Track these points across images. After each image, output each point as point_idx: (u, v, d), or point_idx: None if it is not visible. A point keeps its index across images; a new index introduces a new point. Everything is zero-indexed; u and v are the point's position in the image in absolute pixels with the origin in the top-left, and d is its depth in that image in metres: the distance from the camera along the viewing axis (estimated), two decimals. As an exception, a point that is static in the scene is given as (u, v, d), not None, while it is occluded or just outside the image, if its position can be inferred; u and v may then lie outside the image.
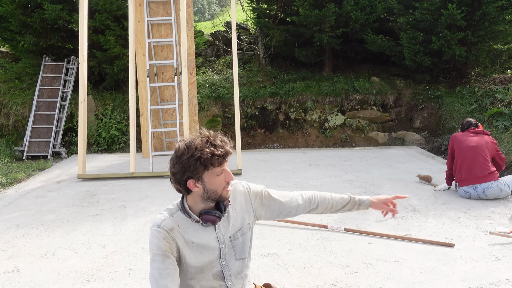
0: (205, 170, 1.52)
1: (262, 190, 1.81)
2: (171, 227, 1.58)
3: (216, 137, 1.55)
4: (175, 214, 1.62)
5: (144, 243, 3.11)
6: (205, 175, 1.53)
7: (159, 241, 1.54)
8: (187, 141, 1.53)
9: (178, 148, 1.53)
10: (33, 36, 7.08)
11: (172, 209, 1.64)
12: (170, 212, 1.63)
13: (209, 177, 1.54)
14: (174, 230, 1.58)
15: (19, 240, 3.22)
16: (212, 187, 1.56)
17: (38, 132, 6.76)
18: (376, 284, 2.45)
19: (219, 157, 1.51)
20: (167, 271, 1.52)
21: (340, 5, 7.37)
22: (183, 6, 5.27)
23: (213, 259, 1.65)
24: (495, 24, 6.79)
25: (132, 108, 5.20)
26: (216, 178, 1.55)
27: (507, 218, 3.48)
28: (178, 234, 1.59)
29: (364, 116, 7.53)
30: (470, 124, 4.19)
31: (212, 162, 1.51)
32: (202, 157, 1.49)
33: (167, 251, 1.55)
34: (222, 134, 1.59)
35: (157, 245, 1.54)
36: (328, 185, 4.58)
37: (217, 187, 1.57)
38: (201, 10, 31.16)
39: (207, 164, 1.50)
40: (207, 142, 1.52)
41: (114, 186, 4.76)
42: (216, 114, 7.48)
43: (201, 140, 1.52)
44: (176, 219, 1.61)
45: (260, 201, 1.80)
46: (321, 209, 1.90)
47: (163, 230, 1.56)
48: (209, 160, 1.50)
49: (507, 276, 2.52)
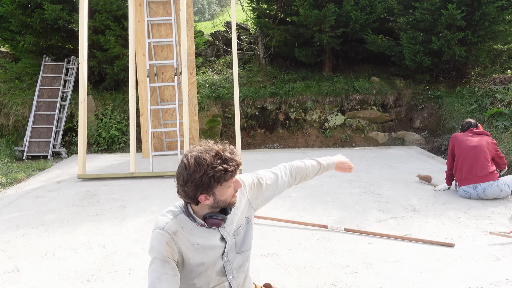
0: (218, 185, 1.50)
1: (253, 181, 1.81)
2: (175, 230, 1.55)
3: (225, 151, 1.51)
4: (179, 216, 1.60)
5: (144, 243, 3.11)
6: (217, 189, 1.52)
7: (160, 245, 1.52)
8: (196, 156, 1.47)
9: (188, 165, 1.47)
10: (33, 36, 7.08)
11: (176, 211, 1.62)
12: (173, 214, 1.60)
13: (220, 190, 1.52)
14: (178, 233, 1.56)
15: (19, 240, 3.22)
16: (222, 198, 1.55)
17: (38, 132, 6.76)
18: (376, 284, 2.45)
19: (232, 172, 1.50)
20: (165, 276, 1.51)
21: (340, 5, 7.37)
22: (183, 6, 5.27)
23: (217, 257, 1.66)
24: (495, 24, 6.80)
25: (132, 108, 5.20)
26: (227, 190, 1.54)
27: (507, 218, 3.48)
28: (182, 237, 1.57)
29: (364, 116, 7.53)
30: (470, 125, 4.19)
31: (226, 178, 1.49)
32: (216, 175, 1.46)
33: (168, 256, 1.53)
34: (227, 143, 1.57)
35: (158, 249, 1.52)
36: (328, 185, 4.58)
37: (227, 197, 1.56)
38: (201, 10, 31.16)
39: (220, 180, 1.48)
40: (218, 158, 1.48)
41: (114, 186, 4.76)
42: (216, 114, 7.48)
43: (211, 156, 1.47)
44: (180, 221, 1.59)
45: (255, 193, 1.80)
46: (298, 179, 1.97)
47: (167, 234, 1.54)
48: (222, 176, 1.48)
49: (507, 276, 2.52)
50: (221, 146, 1.53)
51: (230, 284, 1.71)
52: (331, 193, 4.31)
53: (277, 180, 1.87)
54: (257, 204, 1.83)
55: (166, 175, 5.12)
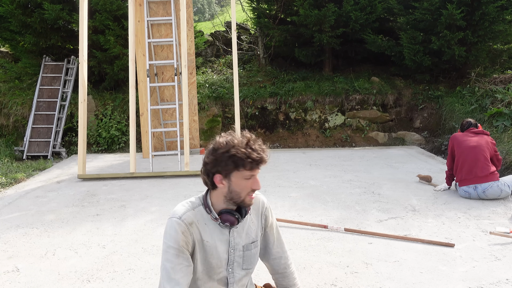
0: (235, 169, 1.51)
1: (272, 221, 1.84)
2: (191, 221, 1.56)
3: (256, 142, 1.54)
4: (197, 209, 1.61)
5: (144, 243, 3.11)
6: (234, 175, 1.52)
7: (177, 234, 1.52)
8: (228, 137, 1.53)
9: (217, 141, 1.54)
10: (33, 36, 7.08)
11: (195, 202, 1.63)
12: (192, 205, 1.61)
13: (237, 178, 1.53)
14: (193, 225, 1.57)
15: (19, 240, 3.22)
16: (237, 189, 1.55)
17: (38, 132, 6.76)
18: (376, 284, 2.45)
19: (253, 161, 1.50)
20: (179, 266, 1.51)
21: (340, 5, 7.36)
22: (183, 6, 5.27)
23: (220, 265, 1.65)
24: (495, 24, 6.79)
25: (132, 108, 5.20)
26: (243, 181, 1.53)
27: (507, 218, 3.48)
28: (196, 229, 1.58)
29: (364, 116, 7.53)
30: (470, 124, 4.19)
31: (244, 164, 1.50)
32: (236, 156, 1.49)
33: (183, 246, 1.53)
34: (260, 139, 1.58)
35: (174, 238, 1.52)
36: (328, 185, 4.58)
37: (242, 190, 1.55)
38: (201, 10, 31.15)
39: (238, 164, 1.50)
40: (246, 144, 1.51)
41: (114, 186, 4.75)
42: (216, 114, 7.48)
43: (241, 141, 1.52)
44: (196, 214, 1.60)
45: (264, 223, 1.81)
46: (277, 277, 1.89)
47: (184, 223, 1.54)
48: (242, 161, 1.49)
49: (507, 276, 2.52)
50: (254, 137, 1.56)
51: None
52: (331, 193, 4.31)
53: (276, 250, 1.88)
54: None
55: (166, 175, 5.12)
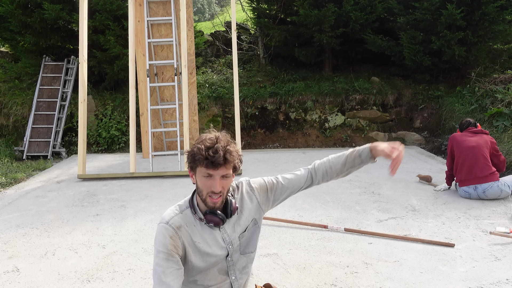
0: (196, 164, 1.53)
1: (265, 184, 1.78)
2: (179, 225, 1.57)
3: (221, 142, 1.51)
4: (184, 212, 1.62)
5: (144, 243, 3.11)
6: (197, 170, 1.54)
7: (165, 239, 1.54)
8: (211, 134, 1.54)
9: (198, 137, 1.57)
10: (33, 36, 7.08)
11: (182, 205, 1.64)
12: (180, 208, 1.63)
13: (198, 174, 1.54)
14: (182, 228, 1.58)
15: (19, 240, 3.22)
16: (199, 185, 1.56)
17: (38, 132, 6.76)
18: (376, 284, 2.45)
19: (203, 157, 1.48)
20: (170, 270, 1.52)
21: (340, 5, 7.36)
22: (183, 6, 5.27)
23: (220, 259, 1.66)
24: (495, 24, 6.79)
25: (132, 108, 5.20)
26: (203, 179, 1.53)
27: (507, 218, 3.48)
28: (185, 232, 1.59)
29: (364, 116, 7.53)
30: (469, 124, 4.18)
31: (196, 159, 1.51)
32: (194, 151, 1.51)
33: (172, 250, 1.54)
34: (233, 142, 1.54)
35: (162, 242, 1.54)
36: (328, 185, 4.57)
37: (203, 188, 1.55)
38: (201, 10, 31.15)
39: (195, 159, 1.51)
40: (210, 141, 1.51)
41: (114, 186, 4.75)
42: (216, 114, 7.48)
43: (210, 136, 1.52)
44: (185, 217, 1.61)
45: (265, 195, 1.78)
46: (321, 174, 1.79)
47: (171, 228, 1.55)
48: (194, 156, 1.51)
49: (507, 276, 2.52)
50: (225, 138, 1.53)
51: (231, 284, 1.71)
52: (331, 193, 4.31)
53: (292, 179, 1.81)
54: (268, 206, 1.81)
55: (166, 175, 5.12)
